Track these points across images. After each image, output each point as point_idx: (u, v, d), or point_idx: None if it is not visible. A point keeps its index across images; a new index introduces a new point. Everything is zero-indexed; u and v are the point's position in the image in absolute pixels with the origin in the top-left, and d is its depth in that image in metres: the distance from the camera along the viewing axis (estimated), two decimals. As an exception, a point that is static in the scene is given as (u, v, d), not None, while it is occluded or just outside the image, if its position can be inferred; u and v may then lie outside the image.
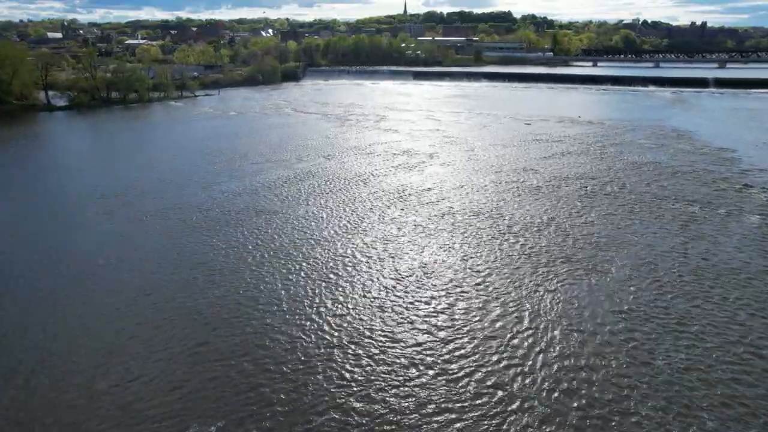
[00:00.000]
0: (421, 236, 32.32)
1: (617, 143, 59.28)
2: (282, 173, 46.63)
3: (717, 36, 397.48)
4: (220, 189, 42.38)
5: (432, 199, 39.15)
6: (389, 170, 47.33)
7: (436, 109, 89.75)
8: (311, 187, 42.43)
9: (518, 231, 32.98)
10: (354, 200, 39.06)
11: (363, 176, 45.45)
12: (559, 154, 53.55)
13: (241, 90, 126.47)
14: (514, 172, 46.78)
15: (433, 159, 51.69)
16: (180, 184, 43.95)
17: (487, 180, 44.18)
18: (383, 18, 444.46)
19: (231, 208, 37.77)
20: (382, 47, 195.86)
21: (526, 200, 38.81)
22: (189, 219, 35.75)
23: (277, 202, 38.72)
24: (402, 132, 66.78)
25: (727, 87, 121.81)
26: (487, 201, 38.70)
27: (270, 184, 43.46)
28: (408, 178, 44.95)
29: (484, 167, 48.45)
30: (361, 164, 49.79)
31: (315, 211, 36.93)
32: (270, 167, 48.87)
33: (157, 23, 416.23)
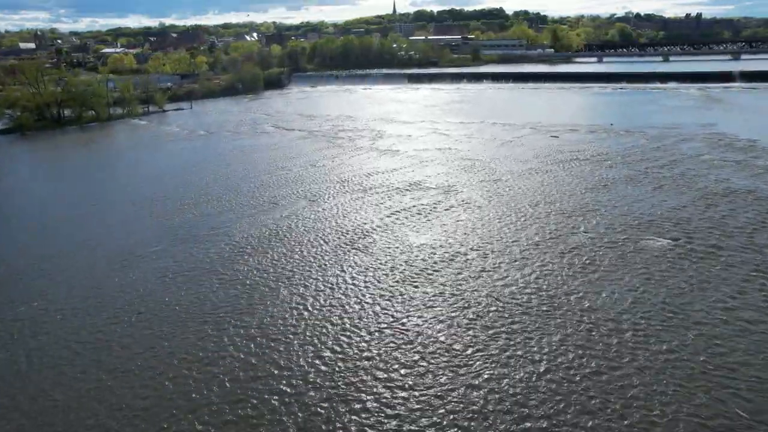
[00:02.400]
0: (472, 378, 19.63)
1: (677, 162, 46.89)
2: (245, 233, 33.65)
3: (713, 27, 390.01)
4: (138, 272, 29.43)
5: (466, 282, 26.47)
6: (395, 221, 34.51)
7: (439, 119, 77.18)
8: (283, 263, 29.57)
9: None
10: (347, 292, 26.22)
11: (359, 234, 32.65)
12: (612, 183, 41.05)
13: (218, 102, 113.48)
14: (563, 216, 34.18)
15: (450, 197, 39.00)
16: (80, 263, 31.05)
17: (531, 232, 31.55)
18: (372, 18, 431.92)
19: (143, 322, 24.91)
20: (372, 48, 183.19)
21: (599, 276, 26.22)
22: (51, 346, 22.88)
23: (224, 304, 25.77)
24: (405, 154, 54.09)
25: (756, 80, 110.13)
26: (545, 281, 26.08)
27: (222, 257, 30.48)
28: (423, 235, 32.19)
29: (521, 209, 35.82)
30: (357, 210, 37.02)
31: (282, 329, 24.11)
32: (230, 221, 35.93)
33: (139, 30, 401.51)
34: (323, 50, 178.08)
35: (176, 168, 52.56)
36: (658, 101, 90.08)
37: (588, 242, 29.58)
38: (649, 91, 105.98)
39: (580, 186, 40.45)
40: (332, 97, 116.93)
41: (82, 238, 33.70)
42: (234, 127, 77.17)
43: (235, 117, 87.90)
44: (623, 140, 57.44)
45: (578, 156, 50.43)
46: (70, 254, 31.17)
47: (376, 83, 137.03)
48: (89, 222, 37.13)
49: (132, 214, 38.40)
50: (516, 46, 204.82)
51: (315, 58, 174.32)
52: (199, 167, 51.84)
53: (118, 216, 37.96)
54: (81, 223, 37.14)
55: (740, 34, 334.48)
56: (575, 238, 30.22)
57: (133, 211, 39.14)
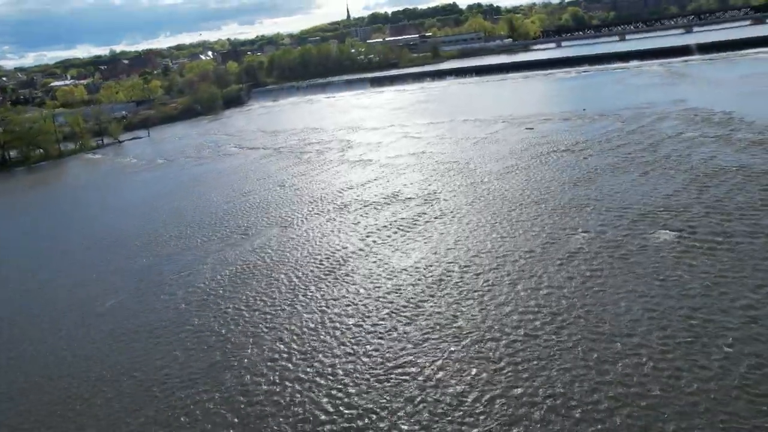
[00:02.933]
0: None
1: (659, 143, 45.36)
2: (213, 274, 30.36)
3: (660, 3, 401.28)
4: (93, 333, 25.99)
5: (459, 310, 23.83)
6: (376, 242, 31.67)
7: (408, 121, 74.78)
8: (259, 305, 26.45)
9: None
10: (332, 335, 23.26)
11: (338, 262, 29.68)
12: (597, 174, 39.09)
13: (176, 126, 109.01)
14: (554, 216, 31.91)
15: (430, 207, 36.38)
16: (23, 326, 27.37)
17: (522, 240, 29.15)
18: (327, 26, 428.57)
19: (98, 398, 21.55)
20: (331, 56, 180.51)
21: (605, 285, 23.92)
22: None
23: (195, 363, 22.58)
24: (377, 163, 51.37)
25: (713, 51, 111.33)
26: (546, 298, 23.65)
27: (190, 306, 27.19)
28: (407, 256, 29.44)
29: (508, 214, 33.44)
30: (333, 233, 34.07)
31: (265, 389, 21.07)
32: (196, 261, 32.56)
33: (88, 60, 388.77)
34: (281, 62, 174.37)
35: (135, 203, 48.70)
36: (624, 81, 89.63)
37: (586, 244, 27.30)
38: (612, 71, 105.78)
39: (565, 180, 38.32)
40: (295, 109, 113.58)
41: (26, 297, 29.93)
42: (195, 151, 73.26)
43: (196, 140, 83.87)
44: (599, 125, 55.91)
45: (557, 147, 48.52)
46: (10, 317, 27.42)
47: (338, 90, 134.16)
48: (36, 275, 33.28)
49: (86, 261, 34.65)
50: (474, 40, 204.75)
51: (273, 71, 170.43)
52: (160, 200, 48.10)
53: (70, 265, 34.20)
54: (25, 277, 33.29)
55: (686, 8, 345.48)
56: (572, 242, 27.90)
57: (87, 257, 35.37)
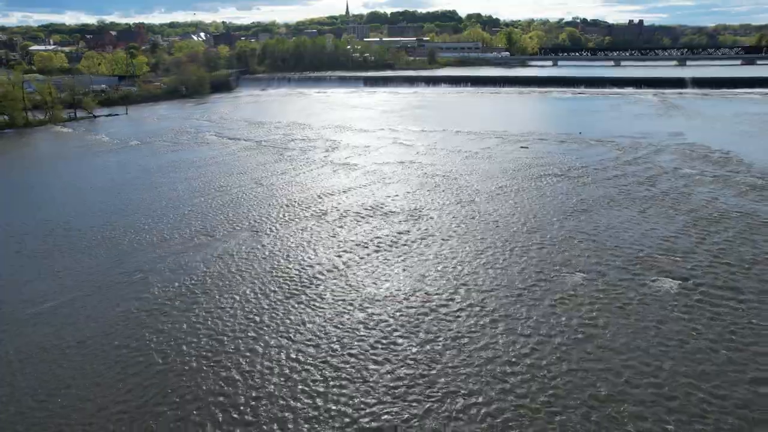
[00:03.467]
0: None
1: (656, 178, 43.52)
2: (166, 281, 27.07)
3: (654, 34, 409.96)
4: (16, 342, 22.57)
5: (437, 359, 21.15)
6: (351, 261, 28.79)
7: (400, 126, 72.10)
8: (210, 326, 23.39)
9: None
10: (288, 377, 20.40)
11: (307, 281, 26.74)
12: (593, 206, 36.91)
13: (158, 106, 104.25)
14: (546, 251, 29.53)
15: (415, 225, 33.67)
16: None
17: (512, 275, 26.67)
18: (325, 19, 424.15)
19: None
20: (326, 50, 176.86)
21: (603, 340, 21.53)
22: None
23: (128, 397, 19.45)
24: (363, 169, 48.47)
25: (707, 86, 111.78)
26: (538, 353, 21.12)
27: (129, 320, 23.99)
28: (383, 282, 26.64)
29: (497, 243, 30.96)
30: (306, 245, 31.04)
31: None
32: (149, 263, 29.18)
33: (75, 27, 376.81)
34: (274, 51, 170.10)
35: (97, 187, 44.84)
36: (620, 107, 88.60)
37: (581, 287, 24.88)
38: (608, 96, 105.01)
39: (559, 209, 36.04)
40: (283, 101, 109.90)
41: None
42: (172, 135, 69.27)
43: (175, 124, 79.70)
44: (595, 151, 54.07)
45: (551, 170, 46.38)
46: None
47: (330, 86, 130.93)
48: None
49: (22, 252, 30.87)
50: (472, 49, 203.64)
51: (266, 60, 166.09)
52: (124, 186, 44.36)
53: (7, 258, 30.44)
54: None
55: (679, 41, 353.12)
56: (565, 282, 25.46)
57: (23, 248, 31.54)
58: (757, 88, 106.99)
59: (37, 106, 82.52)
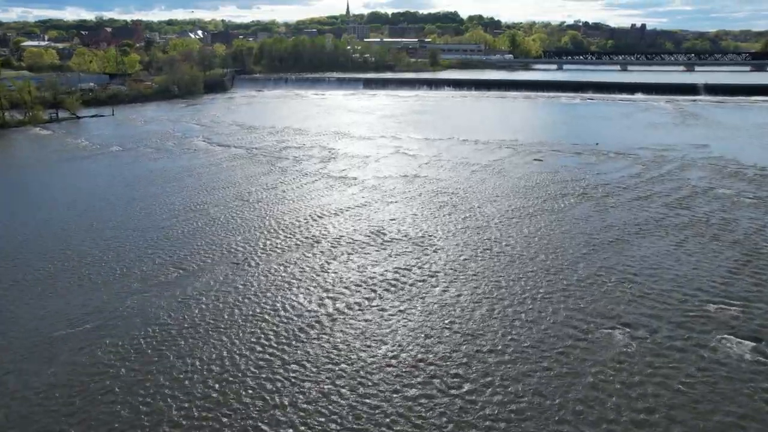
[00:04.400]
0: None
1: (689, 199, 38.97)
2: (121, 333, 22.41)
3: (656, 38, 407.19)
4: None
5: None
6: (346, 309, 24.07)
7: (401, 133, 67.45)
8: (171, 396, 18.76)
9: None
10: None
11: (292, 337, 22.12)
12: (623, 235, 32.32)
13: (147, 107, 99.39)
14: (575, 296, 24.93)
15: (421, 256, 28.99)
16: None
17: (539, 331, 22.05)
18: (325, 19, 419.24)
19: None
20: (325, 50, 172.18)
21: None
22: None
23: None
24: (363, 184, 43.79)
25: (721, 94, 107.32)
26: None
27: (72, 388, 19.31)
28: (382, 343, 21.95)
29: (516, 284, 26.34)
30: (294, 286, 26.33)
31: None
32: (103, 306, 24.50)
33: (72, 23, 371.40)
34: (272, 51, 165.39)
35: (61, 201, 40.06)
36: (633, 115, 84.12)
37: (626, 353, 20.16)
38: (618, 102, 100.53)
39: (584, 240, 31.41)
40: (279, 103, 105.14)
41: None
42: (157, 140, 64.50)
43: (163, 127, 74.94)
44: (615, 165, 49.50)
45: (570, 188, 41.77)
46: None
47: (329, 88, 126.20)
48: None
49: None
50: (475, 51, 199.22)
51: (263, 59, 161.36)
52: (92, 201, 39.57)
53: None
54: None
55: (681, 45, 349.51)
56: (603, 344, 20.79)
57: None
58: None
59: (17, 105, 77.71)
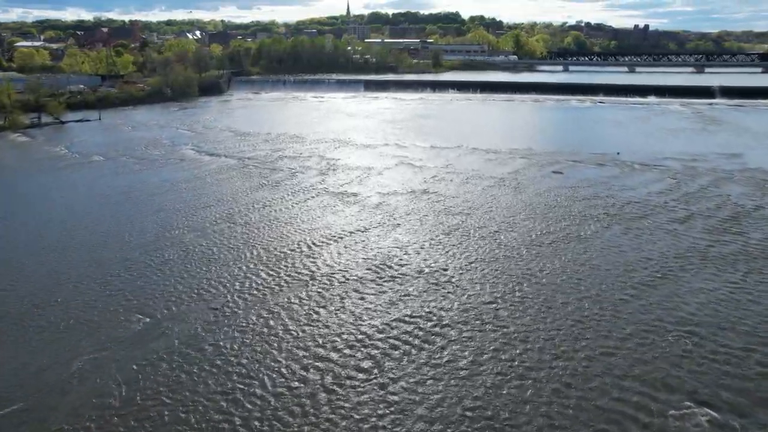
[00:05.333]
0: None
1: (739, 219, 34.33)
2: (66, 410, 17.84)
3: (660, 39, 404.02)
4: None
5: None
6: (337, 391, 19.49)
7: (405, 141, 62.78)
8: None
9: None
10: None
11: (270, 421, 17.52)
12: (672, 267, 27.68)
13: (138, 111, 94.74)
14: (649, 362, 20.28)
15: (438, 300, 24.29)
16: None
17: (621, 417, 17.38)
18: (325, 19, 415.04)
19: None
20: (325, 51, 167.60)
21: None
22: None
23: None
24: (365, 202, 39.08)
25: (737, 96, 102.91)
26: None
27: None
28: (405, 426, 17.34)
29: (564, 343, 21.68)
30: (279, 345, 21.61)
31: None
32: (46, 366, 19.88)
33: (70, 24, 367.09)
34: (270, 51, 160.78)
35: (21, 221, 35.35)
36: (650, 120, 79.50)
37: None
38: (632, 106, 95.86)
39: (624, 275, 26.66)
40: (277, 107, 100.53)
41: None
42: (143, 149, 59.83)
43: (151, 133, 70.29)
44: (643, 179, 44.84)
45: (597, 208, 37.05)
46: None
47: (328, 90, 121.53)
48: None
49: None
50: (478, 52, 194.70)
51: (261, 60, 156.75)
52: (51, 224, 34.79)
53: None
54: None
55: (685, 46, 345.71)
56: (681, 430, 16.17)
57: None
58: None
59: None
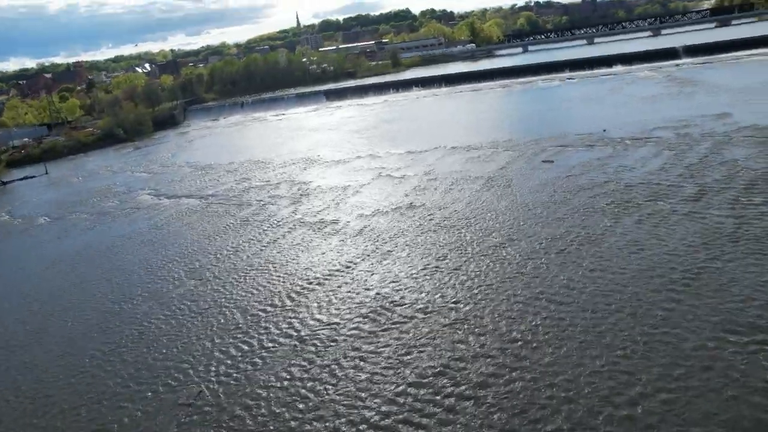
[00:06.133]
0: None
1: (753, 189, 31.03)
2: None
3: (608, 9, 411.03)
4: None
5: None
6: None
7: (379, 148, 58.63)
8: None
9: None
10: None
11: None
12: (701, 270, 24.03)
13: (89, 158, 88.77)
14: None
15: (466, 343, 20.15)
16: None
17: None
18: (276, 34, 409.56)
19: None
20: (279, 66, 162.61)
21: None
22: None
23: None
24: (345, 229, 34.70)
25: (702, 54, 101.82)
26: None
27: None
28: None
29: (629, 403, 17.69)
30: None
31: None
32: None
33: (12, 74, 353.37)
34: (223, 74, 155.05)
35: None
36: (623, 89, 76.88)
37: None
38: (601, 78, 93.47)
39: (660, 279, 22.82)
40: (237, 132, 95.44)
41: None
42: (96, 201, 54.41)
43: (104, 182, 64.74)
44: (640, 155, 41.46)
45: (603, 197, 33.32)
46: None
47: (289, 106, 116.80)
48: None
49: None
50: (435, 46, 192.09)
51: (214, 85, 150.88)
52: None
53: None
54: None
55: (634, 12, 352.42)
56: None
57: None
58: (759, 49, 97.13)
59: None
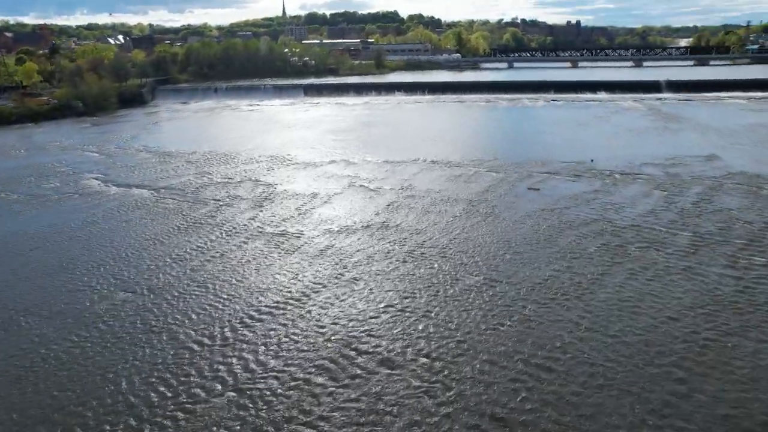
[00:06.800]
0: None
1: (753, 244, 29.06)
2: None
3: (591, 34, 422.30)
4: None
5: None
6: None
7: (355, 155, 55.02)
8: None
9: None
10: None
11: None
12: (713, 335, 21.60)
13: (40, 129, 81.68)
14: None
15: (451, 419, 16.86)
16: None
17: None
18: (261, 21, 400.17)
19: None
20: (260, 54, 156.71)
21: None
22: None
23: None
24: (309, 246, 30.96)
25: (683, 90, 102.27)
26: None
27: None
28: None
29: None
30: None
31: None
32: None
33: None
34: (200, 56, 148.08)
35: None
36: (610, 119, 75.78)
37: None
38: (585, 103, 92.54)
39: (660, 354, 20.24)
40: (207, 118, 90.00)
41: None
42: (34, 182, 48.76)
43: (50, 158, 58.77)
44: (630, 193, 39.28)
45: (593, 238, 30.79)
46: None
47: (265, 97, 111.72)
48: None
49: None
50: (421, 51, 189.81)
51: (189, 67, 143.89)
52: None
53: None
54: None
55: (615, 41, 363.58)
56: None
57: None
58: (737, 92, 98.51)
59: None
